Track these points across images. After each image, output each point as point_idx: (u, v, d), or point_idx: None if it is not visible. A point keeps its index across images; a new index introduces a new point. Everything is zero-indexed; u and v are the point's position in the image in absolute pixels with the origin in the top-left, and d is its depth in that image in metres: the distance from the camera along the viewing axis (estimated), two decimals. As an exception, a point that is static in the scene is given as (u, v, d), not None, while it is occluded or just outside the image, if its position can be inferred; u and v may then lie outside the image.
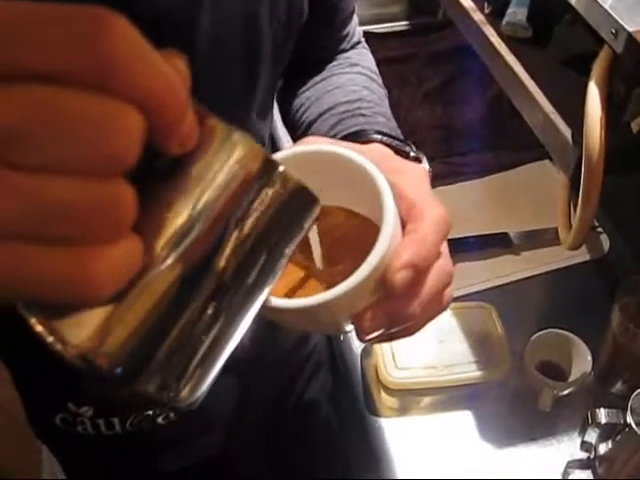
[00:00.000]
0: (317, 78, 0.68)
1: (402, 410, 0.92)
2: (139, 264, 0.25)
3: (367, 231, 0.41)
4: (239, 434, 0.84)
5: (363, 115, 0.60)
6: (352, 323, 0.41)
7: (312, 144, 0.43)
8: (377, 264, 0.37)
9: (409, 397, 0.92)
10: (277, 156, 0.42)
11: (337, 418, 1.05)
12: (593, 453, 0.84)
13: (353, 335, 1.01)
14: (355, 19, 0.72)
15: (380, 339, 0.43)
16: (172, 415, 0.73)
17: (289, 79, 0.69)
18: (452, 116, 1.27)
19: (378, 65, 1.36)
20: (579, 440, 0.82)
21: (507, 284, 1.04)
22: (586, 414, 0.79)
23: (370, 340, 0.41)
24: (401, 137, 0.58)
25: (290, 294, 0.42)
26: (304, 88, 0.67)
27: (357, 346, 0.99)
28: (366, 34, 1.43)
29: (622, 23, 0.62)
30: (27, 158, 0.21)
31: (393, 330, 0.41)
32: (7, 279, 0.22)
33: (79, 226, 0.22)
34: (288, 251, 0.32)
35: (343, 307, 0.39)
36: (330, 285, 0.38)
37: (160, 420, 0.73)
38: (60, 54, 0.20)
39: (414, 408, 0.92)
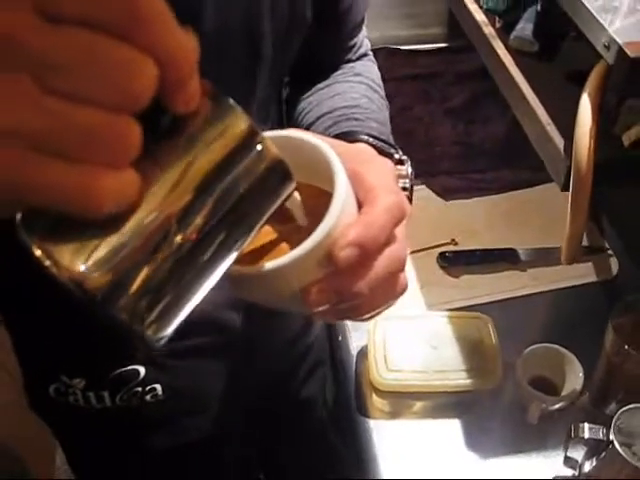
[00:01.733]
0: (320, 85, 0.71)
1: (392, 413, 0.93)
2: (135, 196, 0.29)
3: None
4: (230, 418, 0.86)
5: (356, 119, 0.63)
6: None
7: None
8: (321, 239, 0.39)
9: (399, 400, 0.93)
10: None
11: (332, 417, 1.06)
12: (578, 470, 0.83)
13: (351, 335, 1.02)
14: (364, 31, 0.75)
15: (329, 315, 0.44)
16: (160, 393, 0.75)
17: (295, 86, 0.72)
18: (473, 134, 1.29)
19: (404, 80, 1.40)
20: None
21: (509, 299, 1.04)
22: (569, 428, 0.79)
23: (318, 314, 0.43)
24: (391, 142, 0.61)
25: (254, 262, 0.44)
26: (308, 94, 0.70)
27: (355, 347, 1.00)
28: (396, 50, 1.48)
29: (613, 35, 0.63)
30: (63, 85, 0.25)
31: (341, 307, 0.43)
32: (26, 181, 0.26)
33: (94, 147, 0.26)
34: (260, 219, 0.35)
35: (290, 277, 0.41)
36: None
37: (149, 398, 0.75)
38: (96, 6, 0.25)
39: (404, 412, 0.93)
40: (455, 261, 1.08)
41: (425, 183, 1.22)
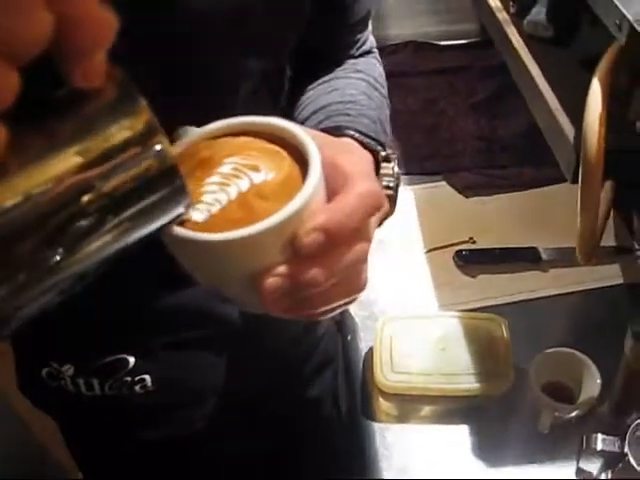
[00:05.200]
0: (321, 80, 0.69)
1: (398, 417, 0.89)
2: None
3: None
4: (227, 414, 0.84)
5: (348, 114, 0.61)
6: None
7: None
8: (283, 219, 0.37)
9: (406, 404, 0.89)
10: (212, 125, 0.43)
11: (340, 420, 1.02)
12: (592, 483, 0.78)
13: (360, 335, 1.00)
14: (369, 29, 0.73)
15: (277, 307, 0.40)
16: (149, 384, 0.74)
17: (297, 81, 0.70)
18: (496, 129, 1.24)
19: (430, 74, 1.36)
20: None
21: (529, 300, 0.99)
22: (581, 438, 0.74)
23: (271, 304, 0.39)
24: (380, 139, 0.59)
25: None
26: (308, 89, 0.69)
27: (364, 347, 0.97)
28: (423, 44, 1.44)
29: (626, 13, 0.59)
30: None
31: (297, 297, 0.40)
32: None
33: None
34: (141, 228, 0.33)
35: (245, 254, 0.38)
36: None
37: (138, 388, 0.74)
38: None
39: (410, 416, 0.89)
40: (472, 260, 1.03)
41: (445, 179, 1.18)
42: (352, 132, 0.56)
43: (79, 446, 0.89)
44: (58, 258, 0.29)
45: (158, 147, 0.30)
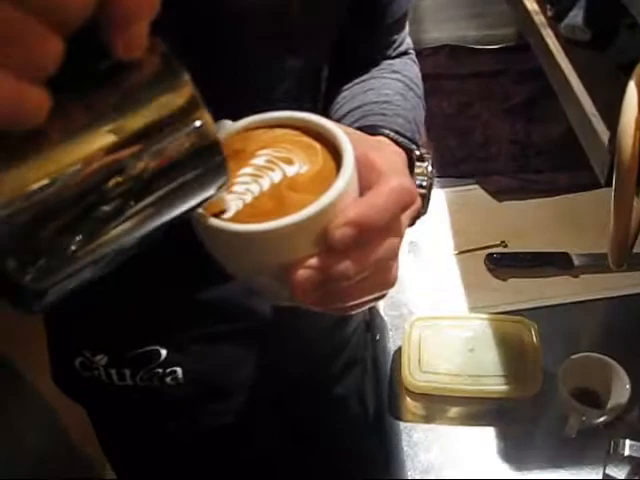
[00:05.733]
0: (357, 80, 0.70)
1: (424, 417, 0.89)
2: (41, 117, 0.26)
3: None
4: (255, 407, 0.85)
5: (383, 114, 0.62)
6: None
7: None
8: (316, 212, 0.37)
9: (433, 404, 0.89)
10: (247, 119, 0.44)
11: (366, 418, 1.03)
12: (619, 490, 0.77)
13: (388, 334, 1.00)
14: (406, 30, 0.74)
15: (308, 299, 0.41)
16: (180, 377, 0.75)
17: (333, 80, 0.71)
18: (531, 133, 1.23)
19: (465, 79, 1.36)
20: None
21: (558, 305, 0.98)
22: (609, 444, 0.74)
23: (302, 296, 0.40)
24: (415, 139, 0.60)
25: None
26: (344, 88, 0.70)
27: (392, 347, 0.97)
28: (459, 48, 1.44)
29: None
30: None
31: (327, 289, 0.40)
32: None
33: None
34: (181, 203, 0.33)
35: (278, 245, 0.39)
36: None
37: (169, 380, 0.75)
38: None
39: (437, 416, 0.89)
40: (503, 263, 1.03)
41: (478, 182, 1.18)
42: (387, 131, 0.57)
43: (108, 436, 0.90)
44: (85, 240, 0.30)
45: (198, 123, 0.31)
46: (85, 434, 0.95)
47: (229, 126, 0.44)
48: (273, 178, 0.40)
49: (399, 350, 0.94)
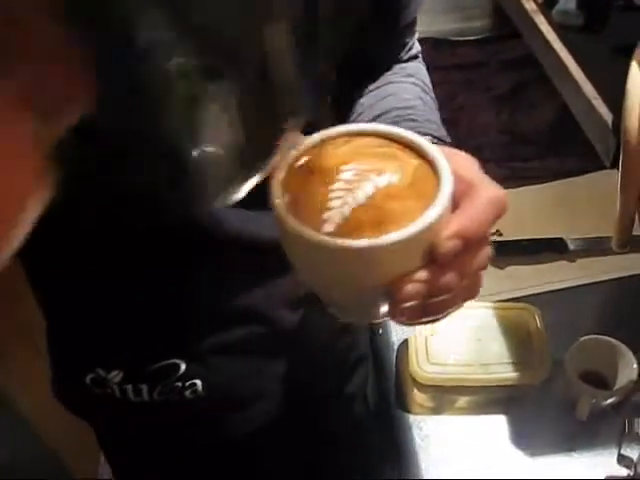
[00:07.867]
0: (372, 86, 0.69)
1: (433, 408, 0.89)
2: None
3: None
4: (270, 415, 0.83)
5: (414, 120, 0.61)
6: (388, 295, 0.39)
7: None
8: (427, 225, 0.37)
9: (441, 395, 0.89)
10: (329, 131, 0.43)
11: (371, 414, 1.03)
12: (633, 469, 0.78)
13: (391, 328, 0.99)
14: (415, 33, 0.73)
15: (409, 313, 0.40)
16: (200, 389, 0.73)
17: (345, 86, 0.70)
18: (518, 122, 1.24)
19: (448, 70, 1.37)
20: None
21: (558, 290, 0.99)
22: (623, 424, 0.74)
23: (407, 311, 0.39)
24: (448, 143, 0.59)
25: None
26: (360, 95, 0.69)
27: (396, 340, 0.97)
28: (441, 40, 1.45)
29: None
30: None
31: (428, 302, 0.40)
32: None
33: None
34: None
35: (387, 259, 0.38)
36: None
37: (188, 394, 0.72)
38: None
39: (446, 407, 0.89)
40: (500, 251, 1.04)
41: (468, 173, 1.18)
42: (428, 137, 0.55)
43: (118, 454, 0.87)
44: None
45: None
46: (66, 447, 0.93)
47: (309, 138, 0.43)
48: (367, 190, 0.39)
49: (404, 343, 0.94)
